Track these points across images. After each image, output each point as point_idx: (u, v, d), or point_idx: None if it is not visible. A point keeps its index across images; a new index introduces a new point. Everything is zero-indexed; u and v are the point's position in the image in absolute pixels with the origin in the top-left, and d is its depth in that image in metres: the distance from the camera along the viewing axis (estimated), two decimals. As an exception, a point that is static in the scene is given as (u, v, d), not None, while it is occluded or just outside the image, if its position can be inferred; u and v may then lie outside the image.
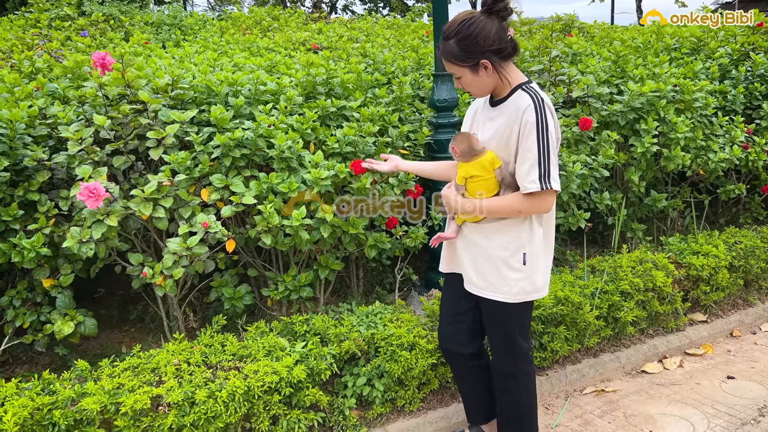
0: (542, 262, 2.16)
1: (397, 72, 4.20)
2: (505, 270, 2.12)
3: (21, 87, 3.16)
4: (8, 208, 2.60)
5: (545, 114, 1.97)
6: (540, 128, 1.96)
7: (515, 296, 2.13)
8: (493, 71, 2.01)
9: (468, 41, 1.97)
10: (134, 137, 2.86)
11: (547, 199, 2.03)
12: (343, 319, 2.91)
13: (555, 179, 1.99)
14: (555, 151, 2.00)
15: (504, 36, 1.99)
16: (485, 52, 1.97)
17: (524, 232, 2.10)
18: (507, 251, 2.11)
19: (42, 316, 2.78)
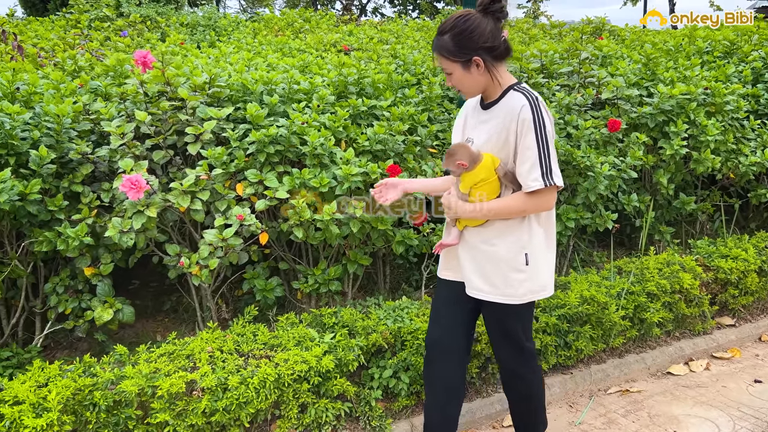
0: (545, 261, 2.14)
1: (426, 73, 4.25)
2: (509, 272, 2.10)
3: (66, 84, 3.31)
4: (54, 199, 2.72)
5: (541, 111, 1.98)
6: (537, 126, 1.96)
7: (521, 297, 2.11)
8: (484, 70, 2.02)
9: (462, 36, 1.98)
10: (173, 133, 2.97)
11: (549, 196, 2.03)
12: (371, 313, 2.98)
13: (557, 175, 1.99)
14: (554, 149, 2.01)
15: (498, 36, 2.01)
16: (478, 49, 1.98)
17: (524, 232, 2.08)
18: (510, 253, 2.09)
19: (83, 303, 2.90)
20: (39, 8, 10.22)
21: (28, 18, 8.83)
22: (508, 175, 2.05)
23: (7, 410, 2.21)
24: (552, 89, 3.92)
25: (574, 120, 3.68)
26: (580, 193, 3.54)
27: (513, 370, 2.35)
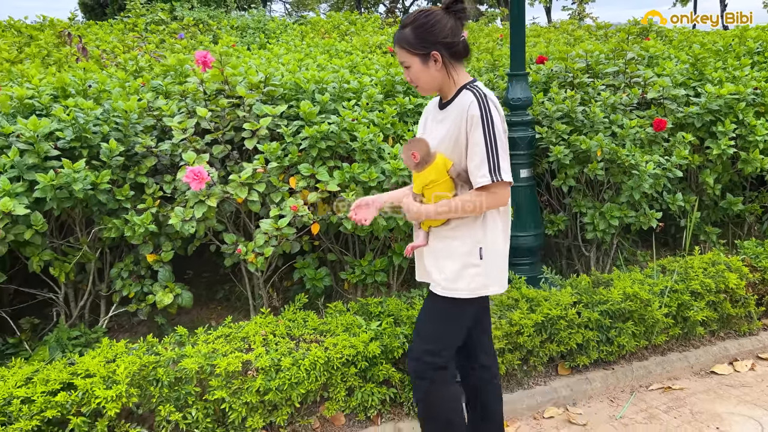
0: (498, 257, 2.14)
1: (472, 73, 4.34)
2: (464, 267, 2.11)
3: (130, 83, 3.52)
4: (121, 189, 2.91)
5: (489, 108, 1.98)
6: (485, 122, 1.97)
7: (474, 291, 2.12)
8: (441, 66, 2.04)
9: (423, 29, 2.01)
10: (230, 129, 3.14)
11: (501, 192, 2.02)
12: (415, 304, 3.08)
13: (505, 171, 1.99)
14: (503, 144, 2.01)
15: (457, 33, 2.04)
16: (437, 44, 2.01)
17: (479, 228, 2.09)
18: (465, 247, 2.10)
19: (145, 288, 3.09)
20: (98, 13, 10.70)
21: (88, 22, 9.27)
22: (461, 176, 2.06)
23: (80, 382, 2.40)
24: (597, 89, 3.95)
25: (620, 119, 3.70)
26: (624, 192, 3.57)
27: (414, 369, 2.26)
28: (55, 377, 2.42)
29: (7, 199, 2.54)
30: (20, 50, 5.57)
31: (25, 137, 2.72)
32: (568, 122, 3.72)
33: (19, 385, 2.40)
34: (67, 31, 5.72)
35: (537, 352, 3.05)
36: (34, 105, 3.07)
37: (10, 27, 7.57)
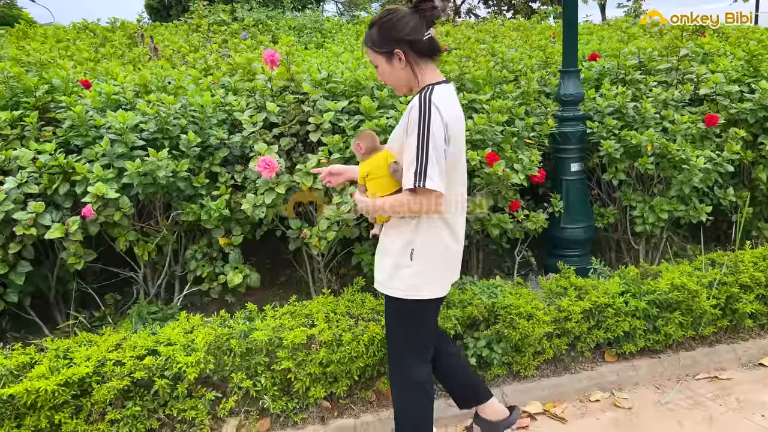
0: (434, 260, 2.16)
1: (524, 69, 4.45)
2: (397, 266, 2.16)
3: (203, 80, 3.79)
4: (197, 177, 3.18)
5: (429, 114, 1.95)
6: (421, 127, 1.95)
7: (405, 292, 2.15)
8: (406, 64, 2.05)
9: (385, 28, 2.04)
10: (296, 122, 3.36)
11: (429, 199, 2.00)
12: (466, 289, 3.24)
13: (431, 179, 1.95)
14: (436, 153, 1.96)
15: (421, 31, 2.02)
16: (399, 41, 2.02)
17: (411, 229, 2.12)
18: (396, 246, 2.15)
19: (217, 269, 3.35)
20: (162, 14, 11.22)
21: (154, 23, 9.75)
22: (398, 173, 2.08)
23: (163, 349, 2.67)
24: (649, 85, 4.01)
25: (671, 115, 3.77)
26: (674, 186, 3.64)
27: (389, 374, 2.37)
28: (142, 344, 2.70)
29: (101, 184, 2.83)
30: (96, 50, 5.97)
31: (115, 129, 3.01)
32: (619, 118, 3.80)
33: (110, 350, 2.68)
34: (140, 32, 6.10)
35: (584, 338, 3.17)
36: (119, 100, 3.38)
37: (85, 28, 8.07)
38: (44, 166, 2.97)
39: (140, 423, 2.59)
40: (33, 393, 2.42)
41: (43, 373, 2.49)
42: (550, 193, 3.75)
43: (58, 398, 2.46)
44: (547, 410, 2.99)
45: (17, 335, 3.33)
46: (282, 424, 2.81)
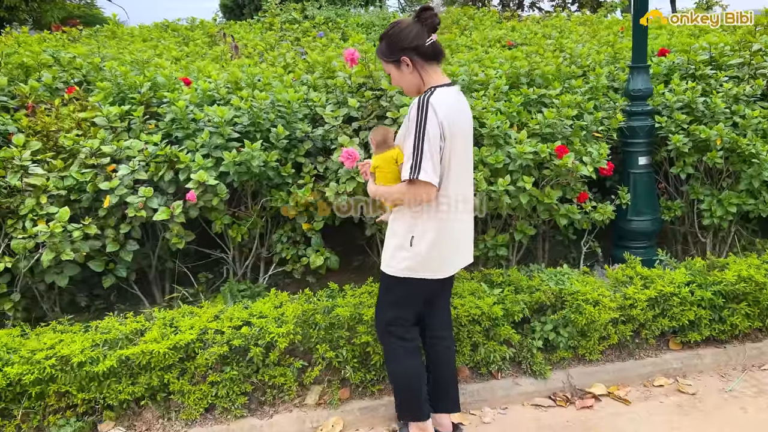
0: (431, 248, 2.38)
1: (592, 65, 4.54)
2: (397, 249, 2.43)
3: (285, 77, 4.08)
4: (285, 167, 3.46)
5: (426, 113, 2.19)
6: (418, 124, 2.20)
7: (401, 271, 2.42)
8: (413, 69, 2.32)
9: (392, 39, 2.31)
10: (374, 117, 3.60)
11: (422, 189, 2.26)
12: (534, 276, 3.41)
13: (424, 171, 2.20)
14: (432, 148, 2.20)
15: (423, 38, 2.27)
16: (405, 49, 2.28)
17: (411, 217, 2.38)
18: (401, 232, 2.42)
19: (299, 252, 3.63)
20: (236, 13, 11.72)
21: (228, 22, 10.22)
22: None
23: (256, 321, 2.96)
24: (720, 80, 4.04)
25: (741, 110, 3.80)
26: (744, 180, 3.68)
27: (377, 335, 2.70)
28: (238, 315, 3.00)
29: (202, 172, 3.15)
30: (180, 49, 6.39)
31: (214, 122, 3.32)
32: (689, 112, 3.86)
33: (210, 320, 3.00)
34: (222, 31, 6.49)
35: (649, 326, 3.28)
36: (213, 96, 3.70)
37: (166, 28, 8.58)
38: (151, 156, 3.31)
39: (236, 386, 2.89)
40: (147, 354, 2.75)
41: (155, 338, 2.83)
42: (618, 185, 3.85)
43: (168, 360, 2.78)
44: (611, 392, 3.12)
45: (123, 307, 3.72)
46: (360, 393, 3.06)
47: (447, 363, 2.70)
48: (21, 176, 3.16)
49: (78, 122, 3.65)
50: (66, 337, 2.87)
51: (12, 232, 3.12)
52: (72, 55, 4.55)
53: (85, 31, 7.09)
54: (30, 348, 2.77)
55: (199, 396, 2.86)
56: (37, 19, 17.35)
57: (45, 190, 3.18)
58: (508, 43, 6.76)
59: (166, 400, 2.90)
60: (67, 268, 3.27)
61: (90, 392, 2.76)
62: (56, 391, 2.74)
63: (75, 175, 3.24)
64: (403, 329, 2.58)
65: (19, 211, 3.12)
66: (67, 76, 4.29)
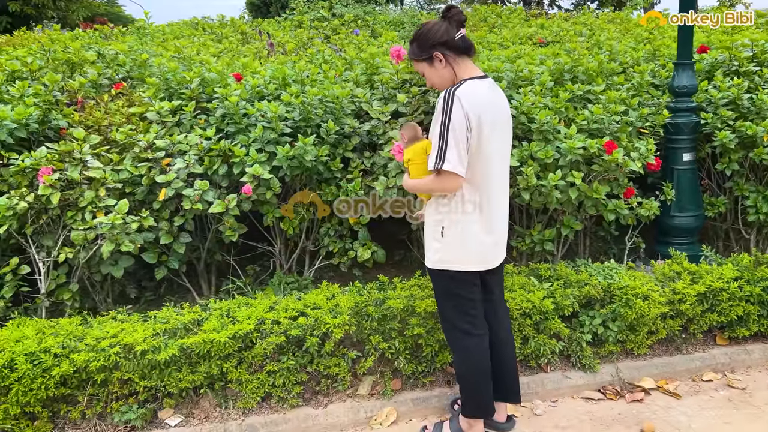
0: (464, 239, 2.42)
1: (631, 62, 4.55)
2: (431, 240, 2.50)
3: (330, 73, 4.13)
4: (334, 162, 3.51)
5: (452, 105, 2.25)
6: (444, 116, 2.26)
7: (434, 263, 2.49)
8: (446, 64, 2.38)
9: (421, 39, 2.40)
10: (421, 113, 3.64)
11: (447, 180, 2.31)
12: (581, 270, 3.43)
13: (449, 161, 2.25)
14: (456, 139, 2.25)
15: (452, 33, 2.35)
16: (435, 45, 2.36)
17: (441, 209, 2.44)
18: (431, 224, 2.49)
19: (346, 245, 3.68)
20: (263, 11, 11.81)
21: (256, 20, 10.31)
22: None
23: (310, 312, 3.01)
24: (765, 77, 4.03)
25: (788, 106, 3.79)
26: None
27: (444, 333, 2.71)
28: (293, 306, 3.06)
29: (257, 166, 3.21)
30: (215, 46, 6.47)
31: (266, 117, 3.38)
32: (734, 109, 3.86)
33: (265, 311, 3.05)
34: (258, 28, 6.56)
35: (697, 321, 3.30)
36: (262, 92, 3.76)
37: (196, 25, 8.68)
38: (205, 150, 3.38)
39: (292, 375, 2.95)
40: (208, 344, 2.81)
41: (215, 327, 2.89)
42: (661, 182, 3.86)
43: (227, 349, 2.84)
44: (660, 386, 3.14)
45: (172, 299, 3.80)
46: (412, 385, 3.10)
47: (509, 355, 2.73)
48: (81, 169, 3.24)
49: (128, 117, 3.73)
50: (127, 326, 2.95)
51: (72, 223, 3.20)
52: (115, 51, 4.64)
53: (116, 29, 7.19)
54: (94, 336, 2.84)
55: (256, 385, 2.92)
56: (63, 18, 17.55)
57: (103, 183, 3.25)
58: (539, 40, 6.78)
59: (223, 389, 2.97)
60: (122, 259, 3.35)
61: (151, 380, 2.83)
62: (119, 378, 2.81)
63: (130, 169, 3.31)
64: (469, 323, 2.57)
65: (79, 204, 3.20)
66: (112, 72, 4.37)
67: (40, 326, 2.95)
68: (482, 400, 2.64)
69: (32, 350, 2.71)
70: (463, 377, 2.64)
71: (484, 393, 2.62)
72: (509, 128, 2.53)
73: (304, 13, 9.32)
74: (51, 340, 2.79)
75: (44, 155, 3.26)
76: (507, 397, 2.77)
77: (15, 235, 3.25)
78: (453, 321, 2.59)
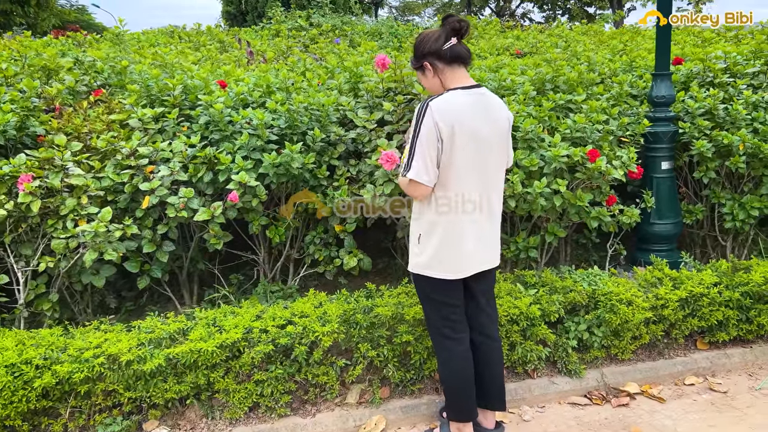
0: (439, 247, 2.46)
1: (609, 73, 4.64)
2: (411, 245, 2.58)
3: (314, 81, 4.13)
4: (320, 170, 3.50)
5: (423, 115, 2.31)
6: (415, 126, 2.34)
7: (413, 267, 2.56)
8: (434, 73, 2.44)
9: (416, 47, 2.47)
10: (406, 120, 3.65)
11: (412, 187, 2.38)
12: (566, 277, 3.47)
13: (413, 169, 2.33)
14: (424, 148, 2.31)
15: (441, 42, 2.37)
16: (426, 55, 2.42)
17: (418, 217, 2.53)
18: (413, 230, 2.57)
19: (331, 253, 3.67)
20: (239, 20, 11.76)
21: (232, 29, 10.26)
22: None
23: (298, 320, 2.99)
24: (738, 88, 4.15)
25: (762, 116, 3.90)
26: (765, 184, 3.78)
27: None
28: (280, 315, 3.03)
29: (244, 173, 3.18)
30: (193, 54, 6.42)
31: (252, 125, 3.36)
32: (710, 119, 3.96)
33: (252, 320, 3.02)
34: (238, 37, 6.52)
35: (679, 326, 3.36)
36: (246, 99, 3.74)
37: (172, 33, 8.61)
38: (189, 157, 3.34)
39: (280, 385, 2.92)
40: (195, 353, 2.77)
41: (202, 336, 2.85)
42: (641, 189, 3.94)
43: (215, 358, 2.80)
44: (645, 391, 3.19)
45: (155, 308, 3.73)
46: (400, 392, 3.09)
47: (494, 361, 2.72)
48: (62, 177, 3.17)
49: (108, 124, 3.67)
50: (111, 336, 2.88)
51: (52, 232, 3.13)
52: (92, 58, 4.57)
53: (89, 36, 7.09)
54: (77, 347, 2.77)
55: (243, 395, 2.88)
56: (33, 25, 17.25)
57: (85, 190, 3.19)
58: (516, 51, 6.89)
59: (210, 399, 2.92)
60: (104, 268, 3.29)
61: (136, 391, 2.77)
62: (103, 389, 2.75)
63: (112, 176, 3.26)
64: (448, 327, 2.60)
65: (60, 211, 3.13)
66: (90, 79, 4.30)
67: (20, 337, 2.87)
68: (464, 404, 2.64)
69: (12, 362, 2.63)
70: (444, 381, 2.67)
71: (464, 397, 2.63)
72: (498, 138, 2.49)
73: (281, 22, 9.32)
74: (32, 351, 2.72)
75: (23, 162, 3.19)
76: (492, 404, 2.76)
77: (-8, 244, 3.17)
78: (434, 324, 2.62)
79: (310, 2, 11.69)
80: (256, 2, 11.78)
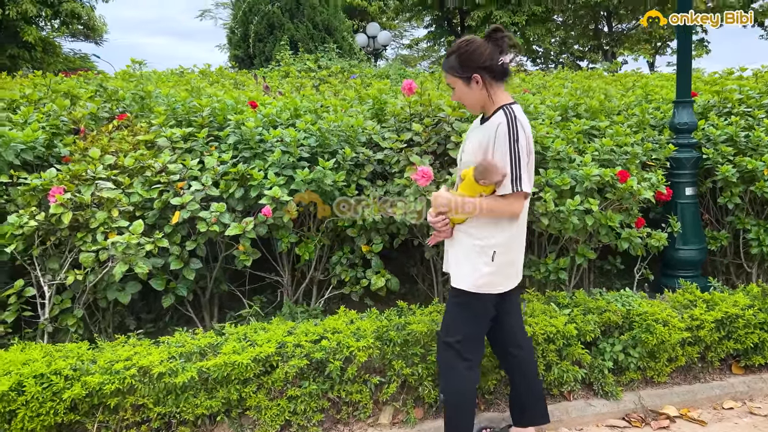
0: (510, 260, 2.43)
1: (623, 106, 4.72)
2: (477, 264, 2.40)
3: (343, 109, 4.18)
4: (349, 189, 3.49)
5: (516, 128, 2.26)
6: (511, 139, 2.25)
7: (479, 288, 2.41)
8: (482, 87, 2.35)
9: (464, 56, 2.34)
10: (434, 143, 3.68)
11: (516, 202, 2.32)
12: (598, 297, 3.43)
13: (525, 183, 2.28)
14: (525, 160, 2.28)
15: (495, 58, 2.31)
16: (477, 68, 2.32)
17: (493, 231, 2.39)
18: (479, 246, 2.40)
19: (358, 274, 3.62)
20: (247, 63, 11.98)
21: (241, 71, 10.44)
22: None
23: (331, 336, 2.92)
24: (757, 117, 4.22)
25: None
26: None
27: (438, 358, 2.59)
28: (313, 330, 2.96)
29: (277, 189, 3.17)
30: (210, 89, 6.49)
31: (284, 142, 3.37)
32: (732, 145, 4.01)
33: (284, 335, 2.95)
34: (254, 73, 6.63)
35: (715, 348, 3.30)
36: (275, 121, 3.76)
37: (182, 74, 8.73)
38: (220, 173, 3.33)
39: (314, 402, 2.82)
40: (229, 366, 2.69)
41: (235, 350, 2.77)
42: (667, 215, 3.94)
43: (249, 372, 2.72)
44: (684, 414, 3.10)
45: (178, 328, 3.64)
46: (434, 414, 3.00)
47: (532, 373, 2.68)
48: (93, 190, 3.15)
49: (134, 145, 3.68)
50: (141, 350, 2.80)
51: (81, 245, 3.08)
52: (114, 88, 4.61)
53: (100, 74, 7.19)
54: (107, 359, 2.69)
55: (275, 412, 2.78)
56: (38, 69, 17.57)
57: (116, 204, 3.16)
58: (524, 90, 7.02)
59: (240, 417, 2.82)
60: (129, 285, 3.23)
61: (166, 406, 2.67)
62: (132, 403, 2.65)
63: (141, 192, 3.24)
64: (469, 349, 2.51)
65: (90, 224, 3.09)
66: (112, 106, 4.34)
67: (47, 350, 2.78)
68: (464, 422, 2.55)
69: (42, 372, 2.54)
70: (449, 401, 2.55)
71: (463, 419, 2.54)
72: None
73: (290, 64, 9.49)
74: (61, 362, 2.63)
75: (54, 176, 3.17)
76: (535, 419, 2.70)
77: (18, 257, 3.11)
78: (459, 344, 2.50)
79: (317, 47, 11.94)
80: (264, 46, 12.03)
